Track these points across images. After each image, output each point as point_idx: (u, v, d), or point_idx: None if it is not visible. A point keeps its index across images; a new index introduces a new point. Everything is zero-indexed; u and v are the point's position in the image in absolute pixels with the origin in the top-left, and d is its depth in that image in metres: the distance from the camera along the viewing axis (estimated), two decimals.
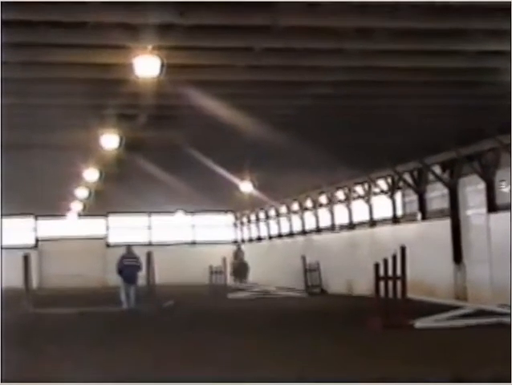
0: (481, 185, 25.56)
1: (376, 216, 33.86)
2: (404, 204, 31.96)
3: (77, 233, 53.63)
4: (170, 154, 25.66)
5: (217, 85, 17.40)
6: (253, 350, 14.79)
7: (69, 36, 13.69)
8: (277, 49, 15.12)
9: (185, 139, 23.32)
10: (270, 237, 48.49)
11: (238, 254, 42.47)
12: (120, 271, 26.86)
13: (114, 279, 34.52)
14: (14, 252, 45.55)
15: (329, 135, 23.35)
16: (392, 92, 18.48)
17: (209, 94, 18.05)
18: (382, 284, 18.34)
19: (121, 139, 22.21)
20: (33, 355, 14.69)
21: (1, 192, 18.95)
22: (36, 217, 53.58)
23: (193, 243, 54.68)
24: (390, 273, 18.40)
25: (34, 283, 33.81)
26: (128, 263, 26.81)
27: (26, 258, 28.99)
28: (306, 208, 42.04)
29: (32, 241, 53.67)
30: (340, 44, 14.68)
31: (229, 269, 38.28)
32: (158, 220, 54.61)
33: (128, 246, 27.91)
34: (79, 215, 49.39)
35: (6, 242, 52.79)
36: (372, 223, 34.02)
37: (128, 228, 53.97)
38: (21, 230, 53.80)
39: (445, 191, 27.87)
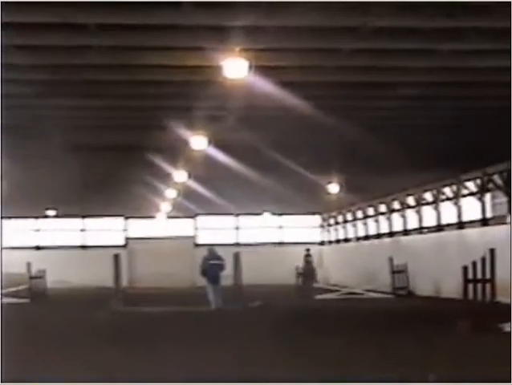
0: None
1: (465, 218, 33.40)
2: (493, 206, 31.45)
3: (166, 234, 54.33)
4: (257, 155, 25.80)
5: (304, 86, 17.48)
6: (342, 350, 14.75)
7: (159, 39, 13.94)
8: (365, 50, 15.12)
9: (273, 141, 23.45)
10: (357, 239, 48.27)
11: (308, 259, 42.50)
12: (204, 272, 27.09)
13: (202, 279, 34.89)
14: (107, 251, 46.53)
15: (417, 136, 23.18)
16: (484, 93, 18.27)
17: (297, 95, 18.14)
18: (471, 286, 18.09)
19: (209, 141, 22.48)
20: (122, 354, 14.93)
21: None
22: (126, 218, 54.49)
23: (280, 244, 54.78)
24: (479, 275, 18.15)
25: (124, 282, 34.35)
26: (212, 263, 27.03)
27: (116, 257, 29.50)
28: (394, 210, 41.73)
29: (122, 241, 54.60)
30: (430, 45, 14.60)
31: (299, 272, 38.33)
32: (245, 220, 54.92)
33: (211, 247, 28.15)
34: (168, 215, 50.04)
35: (96, 242, 53.95)
36: (461, 225, 33.58)
37: (215, 229, 54.45)
38: (111, 230, 54.82)
39: None
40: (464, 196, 33.39)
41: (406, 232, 39.97)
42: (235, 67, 14.63)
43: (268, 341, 16.65)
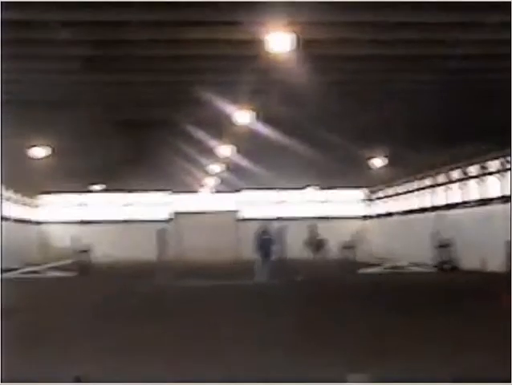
0: None
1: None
2: None
3: (210, 208, 54.64)
4: (302, 129, 25.82)
5: (348, 59, 17.43)
6: (385, 329, 14.72)
7: (203, 13, 13.98)
8: (408, 23, 15.04)
9: (317, 115, 23.44)
10: (401, 213, 48.14)
11: (313, 230, 42.95)
12: (258, 246, 27.33)
13: (246, 253, 35.08)
14: (151, 225, 47.01)
15: (462, 108, 23.02)
16: None
17: (341, 69, 18.12)
18: None
19: (254, 115, 22.56)
20: (164, 328, 15.13)
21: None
22: (172, 192, 54.84)
23: (324, 218, 54.81)
24: None
25: (169, 256, 34.64)
26: (265, 238, 27.28)
27: (161, 232, 29.79)
28: (438, 184, 41.54)
29: (167, 216, 55.01)
30: (472, 17, 14.49)
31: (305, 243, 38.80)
32: (290, 194, 55.00)
33: (263, 222, 28.33)
34: (213, 190, 50.31)
35: (141, 216, 54.42)
36: (506, 199, 33.34)
37: (259, 203, 54.63)
38: (156, 205, 55.26)
39: None
40: (508, 169, 33.15)
41: (450, 206, 39.77)
42: (279, 41, 14.66)
43: (312, 317, 16.69)
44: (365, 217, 54.51)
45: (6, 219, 46.73)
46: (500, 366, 9.63)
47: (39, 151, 29.29)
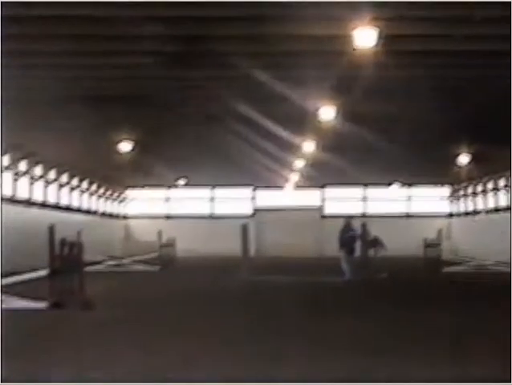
0: None
1: None
2: None
3: (293, 204, 54.62)
4: (386, 125, 25.61)
5: (433, 54, 17.21)
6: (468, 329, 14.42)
7: (289, 9, 13.96)
8: (495, 19, 14.76)
9: (402, 111, 23.22)
10: (487, 211, 47.32)
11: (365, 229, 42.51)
12: (342, 243, 27.18)
13: (330, 249, 34.90)
14: (233, 221, 47.21)
15: None
16: None
17: (426, 64, 17.90)
18: None
19: (338, 111, 22.45)
20: (247, 323, 15.17)
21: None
22: (255, 188, 55.02)
23: (408, 216, 54.28)
24: None
25: (252, 251, 34.78)
26: (349, 234, 27.13)
27: (244, 227, 29.87)
28: None
29: (250, 211, 55.21)
30: None
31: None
32: (373, 191, 54.62)
33: (348, 218, 28.14)
34: (296, 186, 50.29)
35: (225, 211, 54.73)
36: None
37: (343, 200, 54.37)
38: (240, 200, 55.51)
39: None
40: None
41: None
42: (365, 36, 14.55)
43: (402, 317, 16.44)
44: (450, 215, 53.78)
45: (93, 213, 47.59)
46: None
47: (125, 146, 29.69)
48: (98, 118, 24.43)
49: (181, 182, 50.13)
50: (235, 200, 55.54)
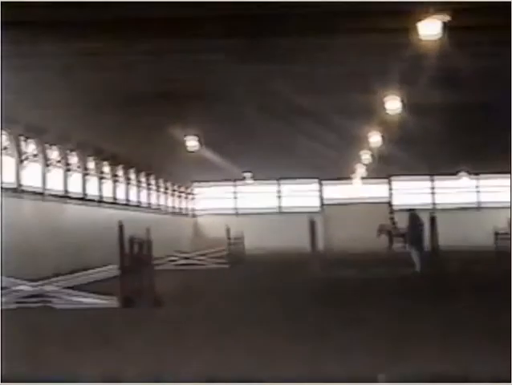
0: None
1: None
2: None
3: (361, 197, 54.37)
4: (453, 116, 25.32)
5: (500, 44, 16.91)
6: None
7: (353, 3, 13.85)
8: None
9: (469, 101, 22.92)
10: None
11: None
12: (411, 235, 26.97)
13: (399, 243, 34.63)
14: (301, 215, 47.17)
15: None
16: None
17: (493, 53, 17.62)
18: None
19: (404, 102, 22.27)
20: (324, 320, 15.13)
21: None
22: (321, 182, 54.91)
23: (478, 207, 53.58)
24: None
25: (320, 246, 34.66)
26: (416, 227, 26.90)
27: (312, 223, 29.81)
28: None
29: (318, 205, 55.10)
30: None
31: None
32: (441, 182, 54.03)
33: (413, 211, 27.88)
34: (363, 179, 50.04)
35: (292, 206, 54.73)
36: None
37: (410, 192, 53.92)
38: (307, 194, 55.45)
39: None
40: None
41: None
42: (429, 28, 14.38)
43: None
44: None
45: (161, 210, 48.00)
46: None
47: (192, 142, 29.87)
48: (165, 114, 24.61)
49: (249, 177, 50.24)
50: (302, 195, 55.49)
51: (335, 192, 55.14)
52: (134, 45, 16.49)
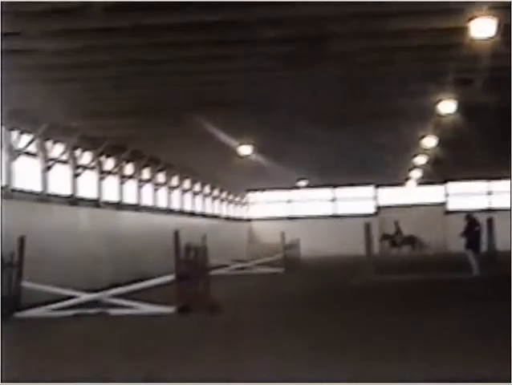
0: None
1: None
2: None
3: (416, 201, 54.01)
4: (508, 116, 25.00)
5: None
6: None
7: (404, 4, 13.77)
8: None
9: None
10: None
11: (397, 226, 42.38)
12: (468, 238, 26.71)
13: (454, 245, 34.30)
14: (356, 220, 47.06)
15: None
16: None
17: None
18: None
19: (458, 104, 22.07)
20: (379, 321, 15.06)
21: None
22: (376, 186, 54.70)
23: None
24: None
25: (375, 250, 34.49)
26: (474, 230, 26.64)
27: (367, 226, 29.70)
28: None
29: (372, 210, 54.89)
30: None
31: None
32: (497, 185, 53.38)
33: (469, 214, 27.63)
34: (418, 182, 49.70)
35: (347, 211, 54.58)
36: None
37: (467, 195, 53.40)
38: (362, 199, 55.28)
39: None
40: None
41: None
42: (483, 27, 14.23)
43: None
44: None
45: (216, 217, 48.23)
46: None
47: (246, 150, 29.97)
48: (218, 122, 24.73)
49: (303, 183, 50.25)
50: (357, 200, 55.33)
51: (391, 196, 54.85)
52: (184, 51, 16.59)
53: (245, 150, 29.95)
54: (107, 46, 15.79)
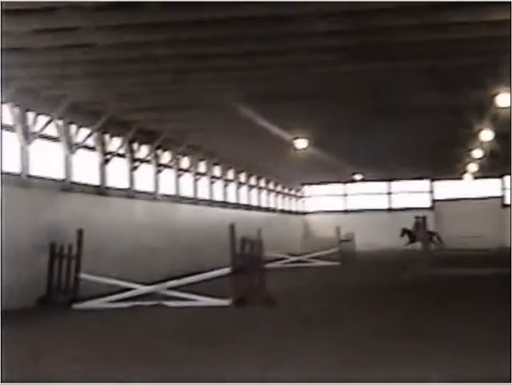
0: None
1: None
2: None
3: (473, 194, 53.47)
4: None
5: None
6: None
7: None
8: None
9: None
10: None
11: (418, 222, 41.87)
12: None
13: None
14: (412, 214, 46.86)
15: None
16: None
17: None
18: None
19: None
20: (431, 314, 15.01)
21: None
22: (432, 180, 54.27)
23: None
24: None
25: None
26: None
27: (423, 220, 29.52)
28: None
29: (428, 203, 54.48)
30: None
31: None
32: None
33: None
34: (475, 176, 49.19)
35: (402, 205, 54.30)
36: None
37: None
38: (417, 193, 54.91)
39: None
40: None
41: None
42: None
43: None
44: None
45: (272, 210, 48.31)
46: None
47: (301, 143, 29.95)
48: (274, 116, 24.76)
49: (358, 177, 50.09)
50: (413, 193, 54.99)
51: (447, 189, 54.38)
52: (245, 45, 16.63)
53: (301, 143, 29.95)
54: (164, 40, 15.90)
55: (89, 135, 23.81)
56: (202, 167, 35.49)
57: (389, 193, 55.72)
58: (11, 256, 17.56)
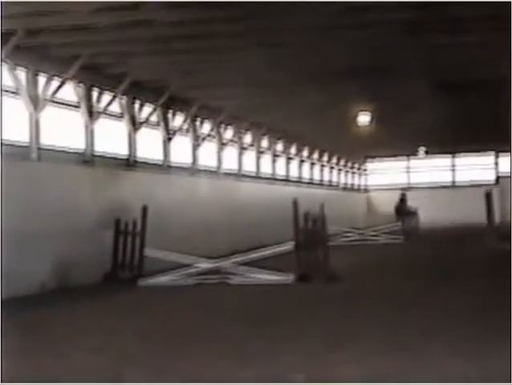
0: None
1: None
2: None
3: None
4: None
5: None
6: None
7: None
8: None
9: None
10: None
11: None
12: None
13: None
14: (476, 189, 46.17)
15: None
16: None
17: None
18: None
19: None
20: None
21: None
22: (497, 153, 53.46)
23: None
24: None
25: (497, 218, 33.73)
26: None
27: (488, 195, 29.10)
28: None
29: (493, 178, 53.72)
30: None
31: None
32: None
33: None
34: None
35: (466, 179, 53.62)
36: None
37: None
38: (482, 167, 54.16)
39: None
40: None
41: None
42: None
43: None
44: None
45: (335, 186, 48.14)
46: None
47: (364, 118, 29.74)
48: (337, 91, 24.60)
49: (421, 151, 49.57)
50: (477, 168, 54.26)
51: None
52: (303, 21, 16.49)
53: (364, 118, 29.71)
54: (227, 17, 15.85)
55: (152, 112, 23.92)
56: (265, 143, 35.44)
57: (453, 168, 55.06)
58: (77, 233, 17.79)
